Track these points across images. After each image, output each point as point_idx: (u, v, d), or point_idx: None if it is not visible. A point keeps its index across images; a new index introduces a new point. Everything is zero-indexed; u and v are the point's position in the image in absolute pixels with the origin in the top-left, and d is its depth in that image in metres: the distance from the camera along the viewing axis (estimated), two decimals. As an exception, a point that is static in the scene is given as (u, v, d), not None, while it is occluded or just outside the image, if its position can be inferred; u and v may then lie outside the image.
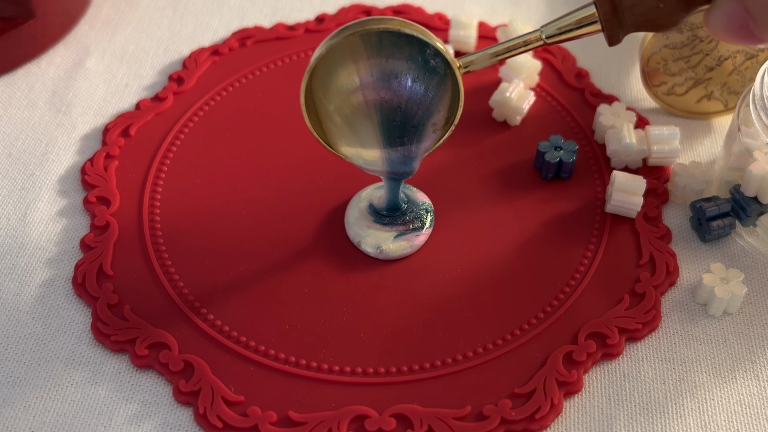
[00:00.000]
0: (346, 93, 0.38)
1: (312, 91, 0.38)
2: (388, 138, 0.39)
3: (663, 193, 0.45)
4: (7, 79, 0.51)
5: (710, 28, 0.35)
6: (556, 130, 0.47)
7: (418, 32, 0.37)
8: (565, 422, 0.37)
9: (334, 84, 0.38)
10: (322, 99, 0.38)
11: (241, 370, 0.38)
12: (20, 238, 0.43)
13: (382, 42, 0.37)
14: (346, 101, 0.39)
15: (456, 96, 0.38)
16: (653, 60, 0.47)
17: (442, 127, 0.39)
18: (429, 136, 0.39)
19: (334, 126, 0.39)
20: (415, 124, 0.39)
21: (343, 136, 0.39)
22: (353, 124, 0.39)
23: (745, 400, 0.38)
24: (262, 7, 0.55)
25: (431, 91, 0.38)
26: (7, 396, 0.38)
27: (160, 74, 0.51)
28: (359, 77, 0.38)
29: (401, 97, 0.38)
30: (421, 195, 0.44)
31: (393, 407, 0.37)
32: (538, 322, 0.40)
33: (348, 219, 0.43)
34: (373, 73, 0.38)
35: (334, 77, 0.38)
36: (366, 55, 0.37)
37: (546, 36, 0.38)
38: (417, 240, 0.42)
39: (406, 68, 0.38)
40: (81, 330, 0.40)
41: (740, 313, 0.41)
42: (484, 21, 0.53)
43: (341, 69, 0.38)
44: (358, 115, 0.39)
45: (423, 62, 0.38)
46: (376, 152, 0.40)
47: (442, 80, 0.38)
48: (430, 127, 0.39)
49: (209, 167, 0.46)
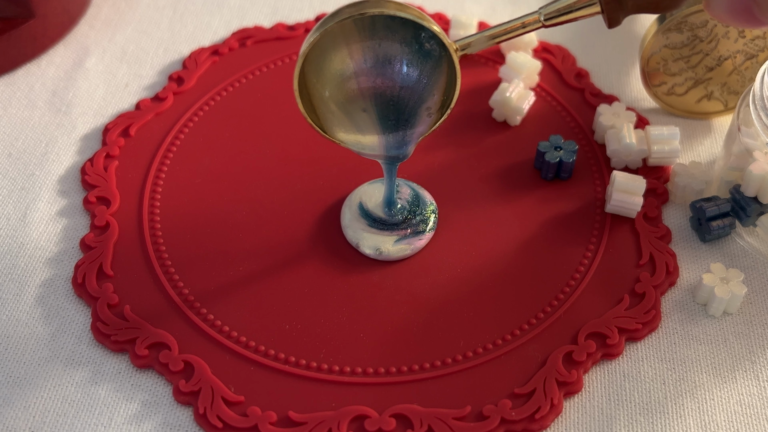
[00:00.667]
0: (340, 78, 0.38)
1: (305, 77, 0.37)
2: (383, 123, 0.39)
3: (663, 193, 0.45)
4: (7, 79, 0.51)
5: (712, 11, 0.34)
6: (556, 130, 0.47)
7: (415, 15, 0.36)
8: (565, 422, 0.37)
9: (327, 69, 0.37)
10: (316, 84, 0.38)
11: (241, 370, 0.38)
12: (20, 238, 0.43)
13: (376, 25, 0.36)
14: (341, 88, 0.38)
15: (452, 79, 0.38)
16: (653, 60, 0.47)
17: (437, 111, 0.39)
18: (423, 121, 0.39)
19: (330, 113, 0.39)
20: (410, 109, 0.38)
21: (339, 123, 0.39)
22: (348, 111, 0.39)
23: (745, 400, 0.38)
24: (262, 7, 0.55)
25: (426, 75, 0.38)
26: (7, 396, 0.38)
27: (160, 74, 0.51)
28: (353, 61, 0.37)
29: (395, 82, 0.38)
30: (428, 194, 0.44)
31: (393, 407, 0.37)
32: (538, 322, 0.40)
33: (343, 221, 0.43)
34: (366, 58, 0.37)
35: (327, 62, 0.37)
36: (359, 38, 0.37)
37: (544, 17, 0.37)
38: (418, 243, 0.42)
39: (400, 51, 0.37)
40: (81, 330, 0.40)
41: (740, 313, 0.41)
42: (484, 21, 0.53)
43: (334, 53, 0.37)
44: (353, 101, 0.38)
45: (418, 45, 0.37)
46: (373, 138, 0.39)
47: (437, 63, 0.37)
48: (424, 112, 0.39)
49: (209, 167, 0.46)
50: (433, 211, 0.43)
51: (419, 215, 0.43)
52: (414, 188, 0.44)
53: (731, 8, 0.34)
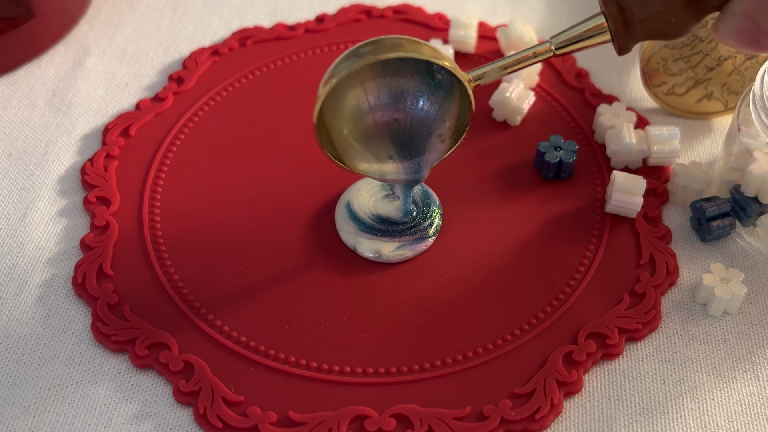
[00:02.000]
0: (357, 115, 0.39)
1: (321, 114, 0.38)
2: (399, 153, 0.40)
3: (663, 193, 0.45)
4: (7, 79, 0.51)
5: (719, 36, 0.35)
6: (556, 130, 0.47)
7: (429, 55, 0.36)
8: (565, 422, 0.37)
9: (343, 107, 0.38)
10: (333, 121, 0.38)
11: (241, 370, 0.38)
12: (20, 238, 0.43)
13: (389, 62, 0.37)
14: (357, 124, 0.39)
15: (465, 107, 0.38)
16: (653, 60, 0.47)
17: (450, 137, 0.39)
18: (436, 148, 0.40)
19: (350, 147, 0.39)
20: (423, 138, 0.39)
21: (359, 155, 0.40)
22: (366, 144, 0.39)
23: (745, 400, 0.38)
24: (262, 7, 0.55)
25: (438, 105, 0.38)
26: (7, 396, 0.38)
27: (160, 74, 0.51)
28: (367, 98, 0.38)
29: (409, 114, 0.39)
30: (433, 193, 0.44)
31: (393, 407, 0.37)
32: (538, 322, 0.40)
33: (337, 224, 0.43)
34: (380, 94, 0.38)
35: (342, 100, 0.38)
36: (372, 75, 0.38)
37: (555, 47, 0.38)
38: (419, 247, 0.42)
39: (413, 85, 0.38)
40: (81, 330, 0.40)
41: (740, 313, 0.41)
42: (484, 21, 0.53)
43: (349, 91, 0.38)
44: (370, 135, 0.39)
45: (430, 77, 0.38)
46: (391, 166, 0.40)
47: (449, 92, 0.38)
48: (436, 139, 0.39)
49: (209, 167, 0.46)
50: (440, 214, 0.43)
51: (429, 218, 0.43)
52: (423, 186, 0.44)
53: (739, 37, 0.34)
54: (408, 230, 0.42)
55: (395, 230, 0.42)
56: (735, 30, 0.34)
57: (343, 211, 0.43)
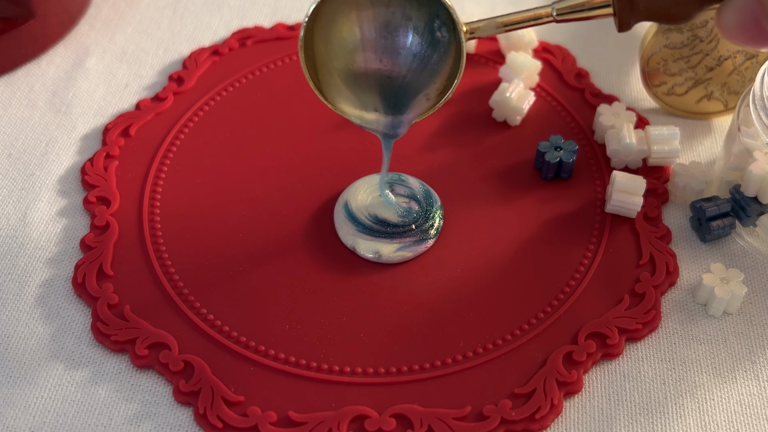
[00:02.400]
0: (348, 50, 0.38)
1: (313, 42, 0.37)
2: (384, 106, 0.39)
3: (663, 193, 0.45)
4: (7, 79, 0.51)
5: (722, 25, 0.35)
6: (556, 130, 0.47)
7: None
8: (565, 422, 0.37)
9: (335, 35, 0.38)
10: (323, 53, 0.38)
11: (241, 370, 0.38)
12: (20, 238, 0.43)
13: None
14: (348, 61, 0.38)
15: (457, 63, 0.38)
16: (653, 60, 0.47)
17: (435, 96, 0.39)
18: (421, 106, 0.39)
19: (335, 85, 0.39)
20: (411, 95, 0.39)
21: (342, 94, 0.39)
22: (354, 89, 0.39)
23: (745, 400, 0.38)
24: (262, 7, 0.55)
25: (432, 64, 0.38)
26: (7, 396, 0.38)
27: (160, 74, 0.51)
28: (360, 30, 0.37)
29: (402, 68, 0.38)
30: (434, 192, 0.44)
31: (393, 407, 0.37)
32: (538, 322, 0.40)
33: (336, 224, 0.43)
34: (375, 27, 0.37)
35: (335, 28, 0.37)
36: (369, 4, 0.37)
37: (557, 12, 0.37)
38: (420, 248, 0.42)
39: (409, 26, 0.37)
40: (81, 330, 0.40)
41: (740, 313, 0.41)
42: (484, 21, 0.53)
43: (343, 20, 0.37)
44: (359, 81, 0.39)
45: (429, 29, 0.37)
46: (372, 116, 0.40)
47: (446, 50, 0.38)
48: (422, 97, 0.39)
49: (209, 167, 0.46)
50: (441, 215, 0.43)
51: (430, 219, 0.43)
52: (423, 184, 0.44)
53: (741, 22, 0.34)
54: (408, 232, 0.42)
55: (395, 232, 0.42)
56: (737, 14, 0.34)
57: (341, 212, 0.43)
